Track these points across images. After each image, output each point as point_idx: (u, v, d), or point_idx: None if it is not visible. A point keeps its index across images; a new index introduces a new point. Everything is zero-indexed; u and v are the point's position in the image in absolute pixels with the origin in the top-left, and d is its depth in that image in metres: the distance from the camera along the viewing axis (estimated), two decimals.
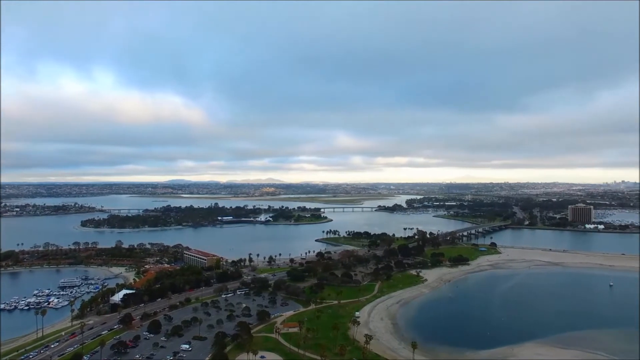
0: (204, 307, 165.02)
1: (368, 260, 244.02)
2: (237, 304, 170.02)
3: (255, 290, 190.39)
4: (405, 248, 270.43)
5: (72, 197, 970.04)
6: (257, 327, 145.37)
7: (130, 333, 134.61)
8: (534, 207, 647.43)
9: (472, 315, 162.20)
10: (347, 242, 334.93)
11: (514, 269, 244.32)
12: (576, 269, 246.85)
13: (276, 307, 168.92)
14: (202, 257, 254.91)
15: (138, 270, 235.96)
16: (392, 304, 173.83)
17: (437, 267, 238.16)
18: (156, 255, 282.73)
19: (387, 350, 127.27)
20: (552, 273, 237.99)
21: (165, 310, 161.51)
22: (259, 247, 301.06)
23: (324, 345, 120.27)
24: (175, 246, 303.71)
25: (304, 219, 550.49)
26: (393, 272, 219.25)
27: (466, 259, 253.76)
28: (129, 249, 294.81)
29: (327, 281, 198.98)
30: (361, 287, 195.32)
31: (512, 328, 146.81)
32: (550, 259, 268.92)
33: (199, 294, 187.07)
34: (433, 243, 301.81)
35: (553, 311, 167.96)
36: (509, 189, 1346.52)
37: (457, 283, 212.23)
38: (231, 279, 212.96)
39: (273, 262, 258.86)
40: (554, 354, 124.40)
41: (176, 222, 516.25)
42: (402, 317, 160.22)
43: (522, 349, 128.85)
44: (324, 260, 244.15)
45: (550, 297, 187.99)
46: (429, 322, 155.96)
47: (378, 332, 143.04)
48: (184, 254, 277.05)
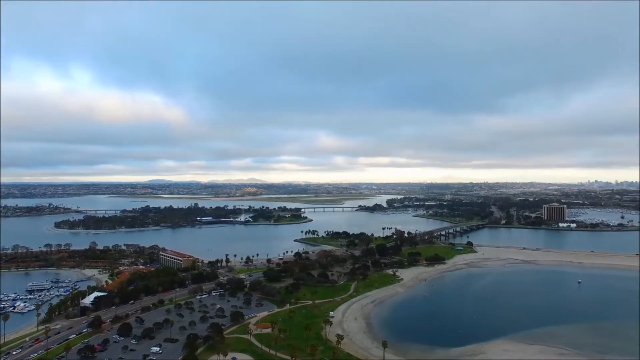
0: (177, 309, 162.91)
1: (345, 260, 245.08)
2: (211, 305, 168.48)
3: (230, 291, 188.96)
4: (383, 248, 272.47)
5: (47, 198, 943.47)
6: (231, 328, 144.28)
7: (99, 337, 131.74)
8: (512, 207, 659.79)
9: (446, 314, 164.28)
10: (325, 242, 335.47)
11: (489, 268, 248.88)
12: (548, 266, 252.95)
13: (251, 308, 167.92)
14: (178, 258, 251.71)
15: (112, 272, 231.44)
16: (367, 304, 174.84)
17: (413, 267, 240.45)
18: (131, 257, 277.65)
19: (360, 349, 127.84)
20: (524, 271, 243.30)
21: (138, 312, 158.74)
22: (238, 247, 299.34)
23: (295, 346, 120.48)
24: (151, 247, 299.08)
25: (284, 219, 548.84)
26: (370, 272, 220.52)
27: (442, 258, 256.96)
28: (104, 251, 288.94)
29: (304, 281, 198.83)
30: (337, 287, 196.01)
31: (483, 325, 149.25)
32: (524, 257, 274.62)
33: (173, 295, 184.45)
34: (411, 242, 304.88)
35: (524, 308, 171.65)
36: (488, 189, 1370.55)
37: (433, 282, 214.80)
38: (207, 280, 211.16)
39: (250, 262, 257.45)
40: (520, 350, 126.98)
41: (154, 222, 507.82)
42: (376, 316, 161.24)
43: (491, 346, 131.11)
44: (301, 261, 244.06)
45: (521, 295, 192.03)
46: (403, 321, 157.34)
47: (351, 331, 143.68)
48: (159, 255, 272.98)
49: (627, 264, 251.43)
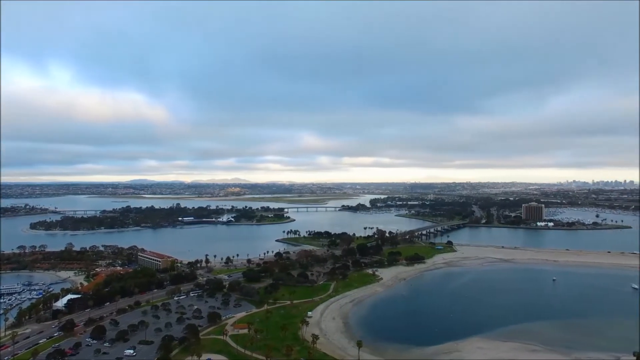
0: (154, 310, 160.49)
1: (326, 260, 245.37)
2: (188, 306, 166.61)
3: (209, 291, 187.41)
4: (364, 247, 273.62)
5: (24, 198, 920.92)
6: (207, 329, 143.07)
7: (71, 340, 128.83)
8: (492, 206, 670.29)
9: (423, 313, 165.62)
10: (307, 242, 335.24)
11: (467, 266, 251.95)
12: (524, 264, 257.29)
13: (229, 309, 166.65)
14: (157, 259, 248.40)
15: (88, 273, 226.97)
16: (346, 303, 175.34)
17: (393, 266, 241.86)
18: (109, 258, 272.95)
19: (336, 349, 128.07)
20: (502, 269, 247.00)
21: (113, 314, 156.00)
22: (219, 248, 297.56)
23: (271, 346, 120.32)
24: (129, 248, 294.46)
25: (267, 219, 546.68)
26: (349, 272, 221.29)
27: (422, 257, 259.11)
28: (80, 252, 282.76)
29: (283, 281, 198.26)
30: (316, 286, 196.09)
31: (460, 324, 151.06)
32: (502, 256, 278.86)
33: (150, 296, 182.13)
34: (392, 242, 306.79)
35: (500, 306, 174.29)
36: (471, 189, 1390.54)
37: (412, 281, 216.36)
38: (185, 280, 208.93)
39: (230, 263, 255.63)
40: (494, 347, 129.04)
41: (135, 223, 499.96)
42: (354, 316, 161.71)
43: (466, 344, 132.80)
44: (281, 261, 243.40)
45: (498, 293, 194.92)
46: (381, 320, 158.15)
47: (329, 331, 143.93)
48: (138, 256, 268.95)
49: (598, 261, 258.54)
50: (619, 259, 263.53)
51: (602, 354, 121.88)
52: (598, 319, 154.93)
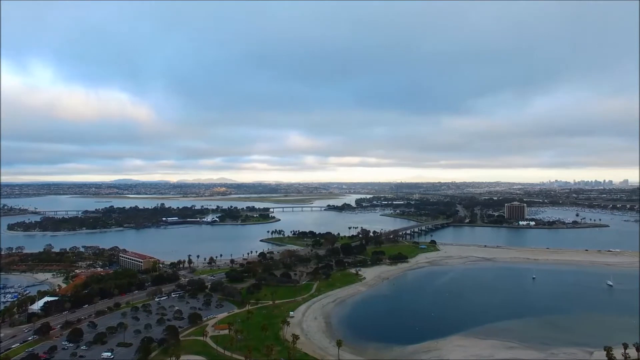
0: (134, 312, 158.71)
1: (309, 260, 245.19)
2: (169, 307, 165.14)
3: (190, 292, 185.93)
4: (348, 247, 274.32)
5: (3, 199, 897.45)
6: (188, 330, 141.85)
7: (46, 344, 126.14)
8: (476, 206, 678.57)
9: (405, 312, 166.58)
10: (291, 242, 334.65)
11: (450, 265, 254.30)
12: (506, 263, 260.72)
13: (210, 309, 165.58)
14: (138, 260, 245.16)
15: (67, 275, 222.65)
16: (328, 303, 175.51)
17: (376, 265, 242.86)
18: (90, 259, 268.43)
19: (317, 349, 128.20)
20: (484, 268, 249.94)
21: (92, 317, 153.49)
22: (202, 248, 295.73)
23: (251, 347, 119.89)
24: (111, 249, 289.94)
25: (252, 219, 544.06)
26: (333, 271, 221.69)
27: (405, 256, 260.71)
28: (60, 253, 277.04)
29: (266, 281, 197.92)
30: (299, 286, 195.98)
31: (440, 322, 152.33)
32: (484, 255, 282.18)
33: (131, 298, 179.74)
34: (376, 242, 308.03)
35: (480, 304, 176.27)
36: (456, 188, 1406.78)
37: (395, 280, 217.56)
38: (167, 281, 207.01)
39: (213, 263, 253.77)
40: (473, 345, 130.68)
41: (118, 223, 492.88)
42: (336, 315, 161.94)
43: (446, 342, 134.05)
44: (265, 261, 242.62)
45: (479, 291, 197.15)
46: (363, 319, 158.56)
47: (310, 331, 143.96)
48: (119, 257, 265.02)
49: (576, 259, 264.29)
50: (596, 257, 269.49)
51: (576, 349, 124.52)
52: (573, 315, 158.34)
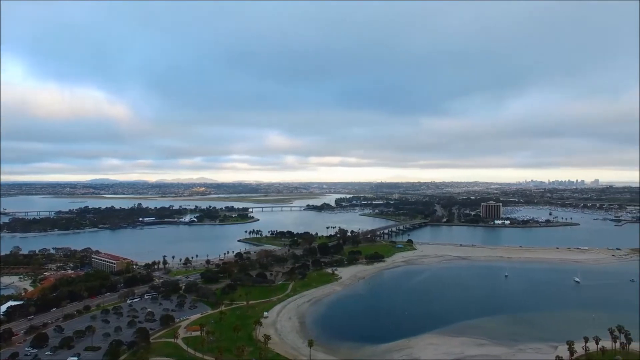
0: (104, 315, 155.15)
1: (286, 260, 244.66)
2: (141, 309, 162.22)
3: (164, 293, 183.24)
4: (325, 247, 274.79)
5: None
6: (160, 332, 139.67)
7: (8, 351, 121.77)
8: (454, 205, 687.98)
9: (379, 311, 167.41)
10: (269, 241, 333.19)
11: (426, 264, 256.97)
12: (480, 262, 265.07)
13: (183, 311, 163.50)
14: (111, 261, 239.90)
15: (35, 278, 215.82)
16: (303, 303, 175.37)
17: (353, 265, 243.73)
18: (60, 261, 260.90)
19: (290, 349, 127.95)
20: (458, 267, 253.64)
21: (59, 321, 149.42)
22: (179, 248, 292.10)
23: (222, 348, 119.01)
24: (83, 250, 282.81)
25: (230, 219, 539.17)
26: (309, 271, 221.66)
27: (382, 256, 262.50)
28: (28, 256, 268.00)
29: (241, 282, 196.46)
30: (275, 286, 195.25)
31: (414, 321, 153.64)
32: (460, 254, 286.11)
33: (102, 300, 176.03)
34: (353, 241, 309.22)
35: (453, 302, 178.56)
36: (435, 188, 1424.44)
37: (370, 280, 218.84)
38: (141, 283, 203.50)
39: (189, 264, 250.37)
40: (444, 343, 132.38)
41: (92, 224, 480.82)
42: (311, 315, 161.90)
43: (418, 340, 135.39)
44: (241, 261, 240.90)
45: (453, 290, 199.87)
46: (337, 319, 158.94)
47: (284, 331, 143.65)
48: (92, 259, 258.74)
49: (547, 257, 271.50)
50: (565, 255, 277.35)
51: (542, 345, 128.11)
52: (542, 312, 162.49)
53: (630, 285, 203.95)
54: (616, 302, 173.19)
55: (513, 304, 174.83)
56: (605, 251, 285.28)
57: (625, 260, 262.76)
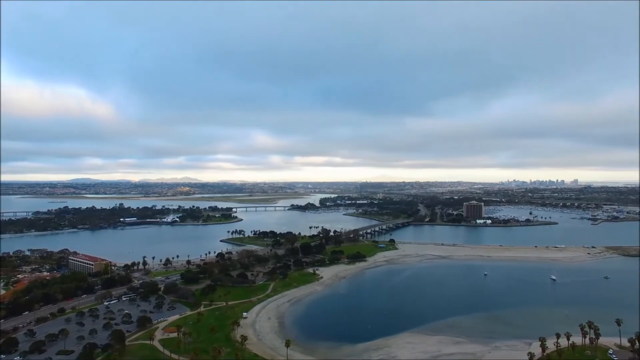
0: (79, 317, 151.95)
1: (268, 260, 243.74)
2: (118, 311, 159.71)
3: (142, 294, 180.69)
4: (307, 246, 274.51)
5: None
6: (136, 334, 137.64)
7: None
8: (438, 205, 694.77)
9: (359, 310, 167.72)
10: (251, 241, 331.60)
11: (407, 264, 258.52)
12: (460, 260, 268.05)
13: (162, 312, 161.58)
14: (89, 262, 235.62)
15: (8, 281, 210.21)
16: (283, 303, 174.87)
17: (334, 265, 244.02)
18: (36, 263, 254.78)
19: (268, 349, 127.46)
20: (439, 266, 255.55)
21: (31, 324, 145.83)
22: (161, 249, 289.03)
23: (199, 349, 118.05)
24: (60, 251, 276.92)
25: (213, 219, 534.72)
26: (290, 271, 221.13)
27: (364, 255, 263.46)
28: (1, 258, 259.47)
29: (222, 282, 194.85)
30: (255, 287, 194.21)
31: (393, 320, 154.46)
32: (441, 253, 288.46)
33: (78, 303, 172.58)
34: (336, 241, 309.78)
35: (432, 301, 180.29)
36: (419, 188, 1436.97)
37: (352, 279, 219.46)
38: (119, 284, 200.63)
39: (170, 264, 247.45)
40: (422, 342, 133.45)
41: (71, 224, 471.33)
42: (291, 315, 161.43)
43: (396, 339, 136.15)
44: (223, 261, 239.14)
45: (433, 289, 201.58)
46: (316, 319, 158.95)
47: (263, 331, 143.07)
48: (69, 260, 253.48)
49: (526, 255, 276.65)
50: (543, 253, 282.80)
51: (517, 342, 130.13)
52: (518, 309, 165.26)
53: (604, 282, 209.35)
54: (589, 299, 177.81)
55: (491, 302, 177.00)
56: (581, 249, 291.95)
57: (600, 257, 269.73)
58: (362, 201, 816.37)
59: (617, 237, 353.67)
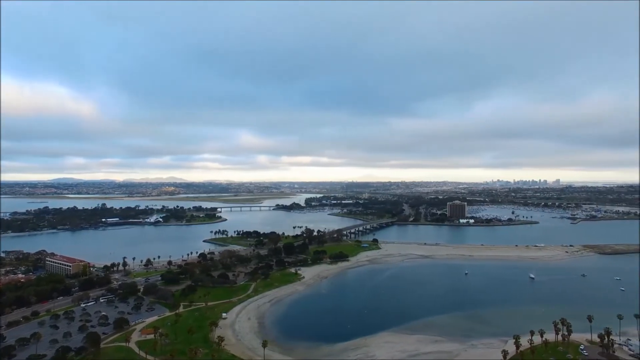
0: (54, 320, 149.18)
1: (250, 260, 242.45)
2: (95, 313, 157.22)
3: (121, 296, 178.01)
4: (290, 246, 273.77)
5: None
6: (113, 336, 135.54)
7: None
8: (422, 204, 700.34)
9: (339, 310, 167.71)
10: (235, 242, 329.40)
11: (389, 263, 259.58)
12: (442, 260, 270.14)
13: (140, 313, 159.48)
14: (67, 264, 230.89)
15: None
16: (264, 303, 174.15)
17: (317, 265, 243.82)
18: (11, 265, 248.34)
19: (246, 350, 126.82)
20: (421, 265, 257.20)
21: (2, 329, 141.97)
22: (142, 249, 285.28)
23: (176, 350, 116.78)
24: (37, 253, 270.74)
25: (197, 219, 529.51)
26: (272, 271, 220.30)
27: (346, 255, 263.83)
28: None
29: (202, 283, 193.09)
30: (236, 287, 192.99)
31: (372, 320, 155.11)
32: (423, 252, 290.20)
33: (53, 305, 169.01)
34: (319, 241, 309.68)
35: (413, 300, 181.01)
36: (405, 188, 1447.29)
37: (333, 279, 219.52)
38: (97, 285, 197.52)
39: (150, 265, 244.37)
40: (400, 341, 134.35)
41: (51, 225, 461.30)
42: (271, 315, 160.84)
43: (375, 338, 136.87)
44: (205, 261, 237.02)
45: (414, 288, 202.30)
46: (296, 319, 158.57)
47: (242, 332, 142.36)
48: (46, 262, 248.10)
49: (506, 254, 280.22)
50: (523, 252, 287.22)
51: (494, 340, 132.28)
52: (496, 308, 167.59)
53: (580, 280, 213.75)
54: (566, 297, 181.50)
55: (471, 301, 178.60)
56: (560, 248, 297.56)
57: (577, 256, 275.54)
58: (347, 201, 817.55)
59: (594, 235, 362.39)
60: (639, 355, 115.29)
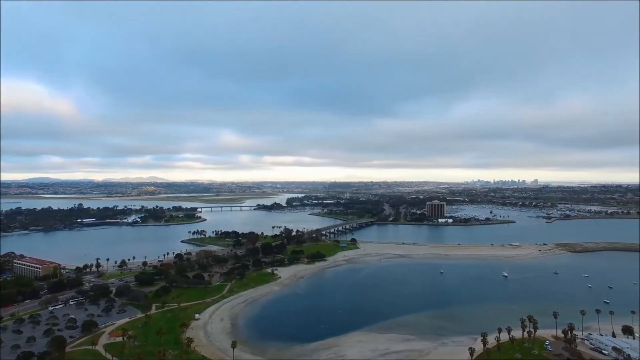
0: (18, 325, 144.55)
1: (227, 260, 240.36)
2: (63, 316, 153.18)
3: (92, 298, 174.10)
4: (268, 246, 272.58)
5: None
6: (80, 339, 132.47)
7: None
8: (403, 204, 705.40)
9: (314, 310, 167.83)
10: (213, 242, 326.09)
11: (366, 263, 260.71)
12: (419, 259, 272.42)
13: (110, 316, 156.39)
14: (36, 266, 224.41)
15: None
16: (238, 304, 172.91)
17: (294, 264, 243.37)
18: None
19: (217, 351, 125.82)
20: (398, 264, 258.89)
21: None
22: (118, 250, 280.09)
23: (144, 352, 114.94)
24: (5, 255, 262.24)
25: (176, 220, 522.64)
26: (248, 271, 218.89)
27: (324, 255, 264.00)
28: None
29: (177, 283, 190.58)
30: (211, 287, 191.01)
31: (346, 319, 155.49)
32: (400, 252, 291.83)
33: (18, 309, 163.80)
34: (297, 241, 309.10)
35: (387, 300, 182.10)
36: (387, 187, 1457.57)
37: (310, 279, 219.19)
38: (68, 287, 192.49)
39: (125, 266, 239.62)
40: (372, 340, 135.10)
41: (22, 226, 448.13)
42: (245, 316, 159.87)
43: (347, 338, 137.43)
44: (181, 262, 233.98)
45: (389, 287, 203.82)
46: (270, 319, 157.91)
47: (214, 333, 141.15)
48: (14, 264, 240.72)
49: (482, 253, 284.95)
50: (498, 251, 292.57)
51: (464, 337, 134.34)
52: (469, 306, 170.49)
53: (551, 277, 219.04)
54: (536, 294, 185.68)
55: (445, 299, 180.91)
56: (534, 246, 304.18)
57: (549, 254, 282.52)
58: (328, 201, 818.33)
59: (566, 234, 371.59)
60: (598, 349, 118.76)
